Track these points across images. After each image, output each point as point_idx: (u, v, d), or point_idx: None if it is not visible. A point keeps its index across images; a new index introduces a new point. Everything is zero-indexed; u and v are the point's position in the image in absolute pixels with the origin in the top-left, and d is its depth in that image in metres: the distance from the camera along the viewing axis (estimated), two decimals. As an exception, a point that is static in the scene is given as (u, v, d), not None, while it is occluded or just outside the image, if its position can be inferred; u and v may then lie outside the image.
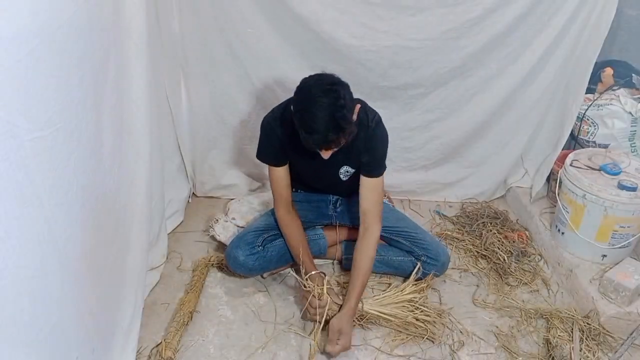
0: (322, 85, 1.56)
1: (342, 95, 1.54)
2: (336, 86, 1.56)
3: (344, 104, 1.53)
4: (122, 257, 1.56)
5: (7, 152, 0.89)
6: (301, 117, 1.56)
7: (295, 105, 1.61)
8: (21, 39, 0.90)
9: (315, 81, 1.59)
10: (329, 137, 1.54)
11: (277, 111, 1.81)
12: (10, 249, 0.92)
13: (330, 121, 1.51)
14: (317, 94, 1.54)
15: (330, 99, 1.52)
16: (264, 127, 1.83)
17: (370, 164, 1.80)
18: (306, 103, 1.55)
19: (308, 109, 1.54)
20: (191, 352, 1.67)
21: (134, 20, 1.47)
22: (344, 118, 1.53)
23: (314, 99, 1.53)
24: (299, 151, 1.75)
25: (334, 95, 1.53)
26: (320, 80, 1.59)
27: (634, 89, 2.29)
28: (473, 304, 1.95)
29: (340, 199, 2.09)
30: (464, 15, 2.08)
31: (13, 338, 0.97)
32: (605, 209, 1.91)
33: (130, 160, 1.54)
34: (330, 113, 1.51)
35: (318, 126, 1.52)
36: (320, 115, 1.52)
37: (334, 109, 1.52)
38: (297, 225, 1.90)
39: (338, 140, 1.56)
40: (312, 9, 2.04)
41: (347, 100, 1.56)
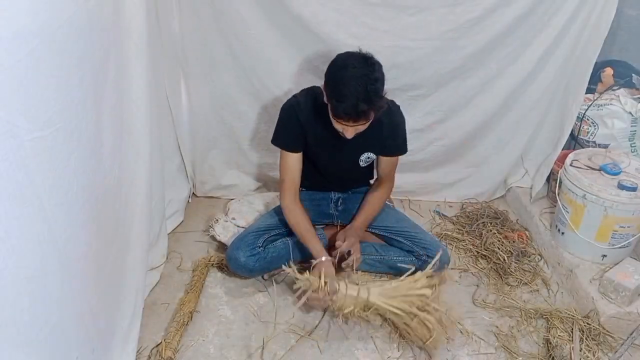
0: (358, 58, 1.61)
1: (377, 69, 1.59)
2: (372, 60, 1.61)
3: (377, 77, 1.58)
4: (122, 257, 1.56)
5: (7, 152, 0.89)
6: (334, 85, 1.59)
7: (328, 75, 1.65)
8: (21, 39, 0.90)
9: (351, 54, 1.64)
10: (359, 107, 1.56)
11: (299, 96, 1.85)
12: (10, 249, 0.92)
13: (362, 91, 1.54)
14: (353, 64, 1.58)
15: (365, 70, 1.56)
16: (284, 110, 1.85)
17: (393, 147, 1.92)
18: (341, 72, 1.59)
19: (342, 77, 1.58)
20: (191, 352, 1.67)
21: (134, 20, 1.47)
22: (376, 91, 1.56)
23: (348, 68, 1.58)
24: (321, 136, 1.81)
25: (369, 68, 1.57)
26: (356, 54, 1.64)
27: (634, 89, 2.29)
28: (473, 304, 1.95)
29: (341, 198, 2.09)
30: (463, 16, 2.08)
31: (13, 338, 0.97)
32: (605, 209, 1.91)
33: (130, 160, 1.54)
34: (363, 83, 1.55)
35: (350, 94, 1.55)
36: (354, 83, 1.55)
37: (367, 80, 1.55)
38: (304, 213, 1.90)
39: (367, 112, 1.58)
40: (312, 10, 2.04)
41: (381, 76, 1.60)
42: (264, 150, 2.42)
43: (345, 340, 1.75)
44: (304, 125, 1.82)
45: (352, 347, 1.73)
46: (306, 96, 1.84)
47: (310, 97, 1.83)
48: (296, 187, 1.89)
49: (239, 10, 2.05)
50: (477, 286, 2.04)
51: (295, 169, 1.88)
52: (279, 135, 1.88)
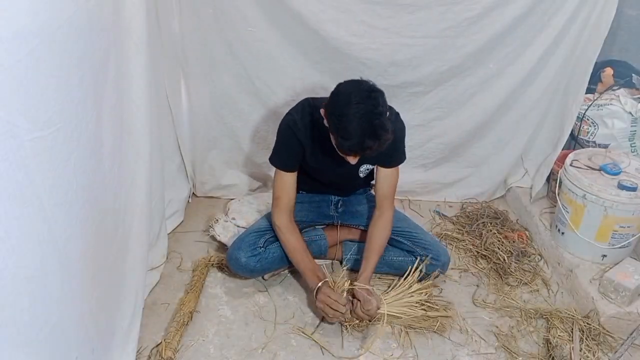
0: (361, 92, 1.55)
1: (381, 103, 1.55)
2: (375, 93, 1.56)
3: (382, 111, 1.53)
4: (122, 257, 1.56)
5: (7, 152, 0.89)
6: (339, 121, 1.55)
7: (331, 108, 1.59)
8: (21, 39, 0.90)
9: (354, 87, 1.58)
10: (365, 144, 1.53)
11: (296, 114, 1.79)
12: (10, 249, 0.92)
13: (368, 128, 1.51)
14: (356, 100, 1.53)
15: (369, 106, 1.52)
16: (283, 130, 1.80)
17: (392, 156, 1.84)
18: (344, 108, 1.54)
19: (346, 114, 1.53)
20: (191, 352, 1.67)
21: (134, 20, 1.47)
22: (382, 126, 1.52)
23: (352, 104, 1.52)
24: (319, 152, 1.78)
25: (373, 103, 1.53)
26: (360, 86, 1.58)
27: (634, 89, 2.29)
28: (473, 304, 1.95)
29: (341, 200, 2.09)
30: (462, 14, 2.08)
31: (13, 338, 0.97)
32: (605, 209, 1.91)
33: (130, 160, 1.54)
34: (368, 120, 1.51)
35: (355, 132, 1.51)
36: (359, 121, 1.51)
37: (372, 116, 1.51)
38: (300, 237, 1.86)
39: (374, 147, 1.54)
40: (311, 8, 2.04)
41: (385, 108, 1.56)
42: (264, 150, 2.41)
43: (345, 340, 1.75)
44: (303, 143, 1.79)
45: (352, 347, 1.73)
46: (302, 112, 1.79)
47: (306, 113, 1.78)
48: (292, 206, 1.86)
49: (239, 10, 2.05)
50: (477, 286, 2.04)
51: (291, 188, 1.84)
52: (278, 155, 1.83)
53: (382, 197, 1.89)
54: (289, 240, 1.84)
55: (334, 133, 1.59)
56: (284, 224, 1.84)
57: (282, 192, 1.83)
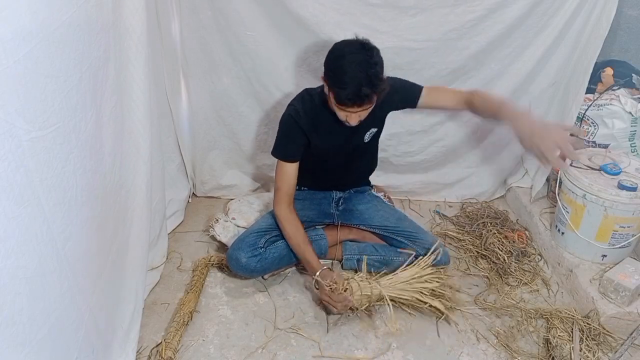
0: (355, 44, 1.63)
1: (375, 54, 1.62)
2: (368, 45, 1.63)
3: (377, 61, 1.60)
4: (122, 257, 1.56)
5: (5, 152, 0.89)
6: (335, 73, 1.62)
7: (328, 64, 1.67)
8: (20, 39, 0.90)
9: (348, 42, 1.66)
10: (362, 91, 1.58)
11: (297, 103, 1.85)
12: (9, 249, 0.92)
13: (364, 76, 1.57)
14: (351, 51, 1.61)
15: (364, 56, 1.59)
16: (284, 121, 1.85)
17: (407, 95, 1.90)
18: (340, 60, 1.61)
19: (341, 65, 1.60)
20: (191, 352, 1.67)
21: (134, 20, 1.47)
22: (376, 75, 1.59)
23: (346, 55, 1.60)
24: (326, 132, 1.83)
25: (368, 53, 1.60)
26: (353, 41, 1.65)
27: (634, 89, 2.29)
28: (473, 303, 1.95)
29: (342, 197, 2.10)
30: (464, 16, 2.08)
31: (12, 338, 0.97)
32: (605, 209, 1.91)
33: (130, 160, 1.54)
34: (363, 68, 1.57)
35: (352, 80, 1.57)
36: (354, 69, 1.58)
37: (367, 65, 1.58)
38: (298, 223, 1.89)
39: (371, 96, 1.60)
40: (312, 11, 2.04)
41: (380, 59, 1.62)
42: (264, 151, 2.42)
43: (345, 340, 1.75)
44: (306, 130, 1.82)
45: (352, 347, 1.73)
46: (302, 101, 1.84)
47: (306, 100, 1.84)
48: (292, 196, 1.89)
49: (238, 11, 2.05)
50: (477, 286, 2.04)
51: (292, 178, 1.88)
52: (280, 147, 1.86)
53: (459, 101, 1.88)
54: (288, 230, 1.87)
55: (331, 89, 1.65)
56: (283, 214, 1.87)
57: (282, 182, 1.87)
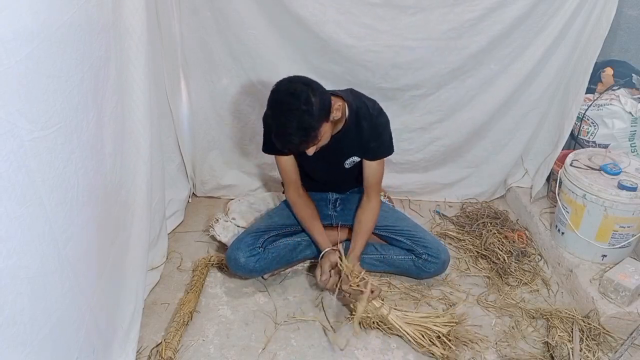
0: (285, 91, 1.59)
1: (303, 100, 1.55)
2: (297, 91, 1.56)
3: (305, 109, 1.55)
4: (122, 257, 1.56)
5: (7, 152, 0.89)
6: (271, 121, 1.65)
7: (267, 108, 1.67)
8: (21, 39, 0.90)
9: (283, 85, 1.62)
10: (292, 141, 1.58)
11: None
12: (11, 249, 0.92)
13: (288, 125, 1.56)
14: (280, 99, 1.59)
15: (289, 105, 1.55)
16: (265, 122, 1.86)
17: (377, 149, 1.87)
18: (271, 107, 1.62)
19: (275, 114, 1.61)
20: (191, 352, 1.67)
21: (134, 21, 1.47)
22: (302, 123, 1.55)
23: (277, 103, 1.60)
24: None
25: (295, 101, 1.55)
26: (287, 85, 1.61)
27: (634, 89, 2.29)
28: (473, 303, 1.95)
29: (339, 199, 2.10)
30: (464, 15, 2.08)
31: (13, 338, 0.97)
32: (605, 209, 1.91)
33: (130, 160, 1.54)
34: (287, 117, 1.56)
35: (277, 129, 1.59)
36: (278, 118, 1.59)
37: (290, 113, 1.55)
38: (306, 204, 1.95)
39: (305, 143, 1.60)
40: (312, 10, 2.04)
41: (314, 104, 1.56)
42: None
43: (346, 340, 1.75)
44: None
45: (352, 347, 1.73)
46: None
47: None
48: (297, 181, 1.94)
49: (238, 11, 2.05)
50: (477, 286, 2.04)
51: (291, 168, 1.92)
52: (267, 144, 1.89)
53: (368, 186, 1.93)
54: (296, 211, 1.96)
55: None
56: (291, 198, 1.96)
57: (283, 174, 1.94)
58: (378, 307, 1.75)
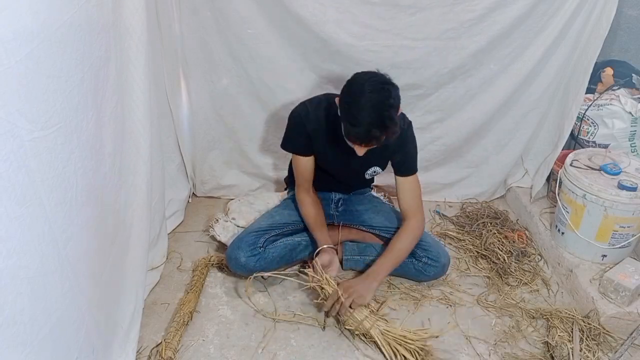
0: (375, 82, 1.59)
1: (393, 95, 1.58)
2: (388, 85, 1.60)
3: (393, 103, 1.57)
4: (122, 257, 1.56)
5: (7, 152, 0.89)
6: (349, 108, 1.59)
7: (344, 96, 1.63)
8: (21, 39, 0.90)
9: (370, 77, 1.62)
10: (371, 133, 1.56)
11: (309, 105, 1.84)
12: (10, 249, 0.92)
13: (377, 118, 1.54)
14: (369, 89, 1.57)
15: (381, 97, 1.56)
16: (293, 118, 1.85)
17: (404, 163, 1.87)
18: (357, 95, 1.58)
19: (357, 101, 1.56)
20: (191, 352, 1.67)
21: (134, 20, 1.47)
22: (390, 118, 1.56)
23: (365, 93, 1.56)
24: (329, 147, 1.83)
25: (386, 94, 1.57)
26: (374, 77, 1.62)
27: (634, 89, 2.29)
28: (473, 303, 1.95)
29: (342, 199, 2.10)
30: (463, 15, 2.08)
31: (13, 338, 0.97)
32: (605, 209, 1.91)
33: (130, 160, 1.54)
34: (378, 110, 1.54)
35: (363, 119, 1.55)
36: (368, 110, 1.55)
37: (382, 106, 1.55)
38: (313, 204, 1.95)
39: (380, 138, 1.58)
40: (311, 10, 2.04)
41: (396, 101, 1.59)
42: (264, 151, 2.42)
43: (345, 341, 1.75)
44: (311, 134, 1.83)
45: (352, 347, 1.73)
46: (317, 106, 1.83)
47: (322, 107, 1.82)
48: (310, 183, 1.95)
49: (238, 11, 2.05)
50: (477, 286, 2.04)
51: (309, 170, 1.92)
52: (289, 141, 1.89)
53: (405, 206, 1.90)
54: (305, 209, 1.95)
55: (344, 120, 1.62)
56: (302, 198, 1.96)
57: (297, 174, 1.94)
58: (361, 319, 1.70)
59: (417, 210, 1.89)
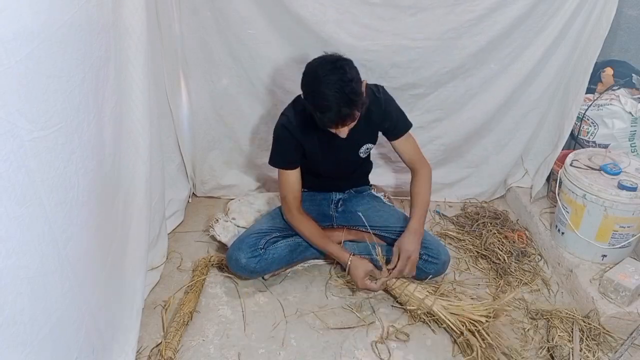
0: (326, 64, 1.61)
1: (348, 70, 1.59)
2: (340, 62, 1.61)
3: (351, 77, 1.58)
4: (122, 257, 1.56)
5: (7, 152, 0.89)
6: (313, 98, 1.61)
7: (304, 88, 1.65)
8: (22, 39, 0.90)
9: (319, 62, 1.63)
10: (342, 112, 1.58)
11: (288, 112, 1.85)
12: (10, 249, 0.92)
13: (341, 97, 1.56)
14: (324, 73, 1.58)
15: (337, 75, 1.57)
16: (277, 133, 1.85)
17: (394, 126, 1.90)
18: (315, 84, 1.59)
19: (317, 89, 1.58)
20: (191, 352, 1.67)
21: (134, 20, 1.47)
22: (353, 91, 1.57)
23: (320, 78, 1.58)
24: (318, 142, 1.83)
25: (340, 72, 1.58)
26: (324, 60, 1.63)
27: (634, 89, 2.29)
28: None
29: (341, 199, 2.10)
30: (464, 15, 2.08)
31: (13, 338, 0.97)
32: (605, 209, 1.91)
33: (129, 160, 1.54)
34: (339, 88, 1.56)
35: (330, 103, 1.56)
36: (330, 92, 1.56)
37: (342, 84, 1.56)
38: (311, 222, 1.93)
39: (352, 113, 1.60)
40: (312, 10, 2.04)
41: (354, 74, 1.61)
42: (264, 151, 2.42)
43: (346, 340, 1.75)
44: (299, 140, 1.83)
45: (352, 347, 1.73)
46: (293, 109, 1.84)
47: (297, 108, 1.84)
48: (298, 199, 1.92)
49: (238, 11, 2.05)
50: (478, 286, 2.04)
51: (295, 185, 1.89)
52: (277, 157, 1.88)
53: (410, 162, 1.95)
54: (303, 231, 1.92)
55: (313, 112, 1.64)
56: (295, 219, 1.91)
57: (286, 191, 1.89)
58: (422, 297, 1.78)
59: (423, 160, 1.96)
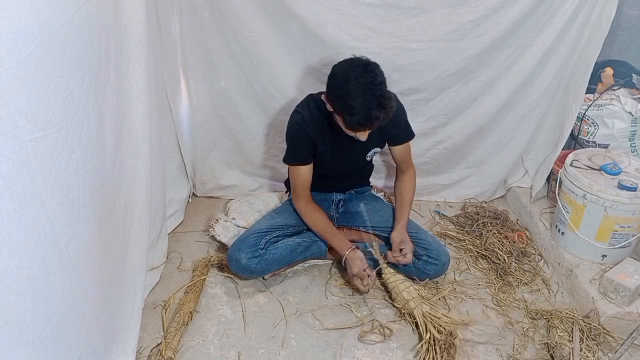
0: (357, 67, 1.61)
1: (378, 74, 1.61)
2: (370, 66, 1.62)
3: (381, 80, 1.60)
4: (123, 257, 1.56)
5: (8, 152, 0.89)
6: (342, 101, 1.61)
7: (332, 91, 1.66)
8: (22, 39, 0.90)
9: (349, 64, 1.64)
10: (372, 115, 1.59)
11: (302, 110, 1.86)
12: (12, 249, 0.92)
13: (372, 99, 1.57)
14: (355, 76, 1.59)
15: (368, 78, 1.58)
16: (292, 129, 1.86)
17: (400, 134, 1.96)
18: (345, 86, 1.60)
19: (347, 91, 1.59)
20: (191, 352, 1.67)
21: (134, 20, 1.47)
22: (384, 95, 1.59)
23: (351, 81, 1.59)
24: (330, 141, 1.85)
25: (371, 75, 1.59)
26: (353, 63, 1.64)
27: (634, 89, 2.29)
28: (473, 303, 1.95)
29: (342, 200, 2.10)
30: (466, 16, 2.07)
31: (16, 338, 0.97)
32: (605, 209, 1.91)
33: (130, 160, 1.54)
34: (370, 91, 1.57)
35: (360, 106, 1.57)
36: (361, 94, 1.57)
37: (373, 87, 1.58)
38: (318, 212, 1.96)
39: (381, 117, 1.61)
40: (313, 12, 2.03)
41: (382, 77, 1.62)
42: (264, 152, 2.42)
43: (346, 340, 1.75)
44: (313, 137, 1.84)
45: (352, 347, 1.73)
46: (307, 108, 1.85)
47: (311, 107, 1.85)
48: (308, 189, 1.95)
49: (238, 12, 2.04)
50: (478, 286, 2.04)
51: (306, 178, 1.92)
52: (292, 155, 1.90)
53: (400, 162, 2.03)
54: (310, 220, 1.96)
55: (340, 113, 1.65)
56: (303, 208, 1.96)
57: (297, 183, 1.93)
58: (408, 299, 1.81)
59: (411, 161, 2.07)
